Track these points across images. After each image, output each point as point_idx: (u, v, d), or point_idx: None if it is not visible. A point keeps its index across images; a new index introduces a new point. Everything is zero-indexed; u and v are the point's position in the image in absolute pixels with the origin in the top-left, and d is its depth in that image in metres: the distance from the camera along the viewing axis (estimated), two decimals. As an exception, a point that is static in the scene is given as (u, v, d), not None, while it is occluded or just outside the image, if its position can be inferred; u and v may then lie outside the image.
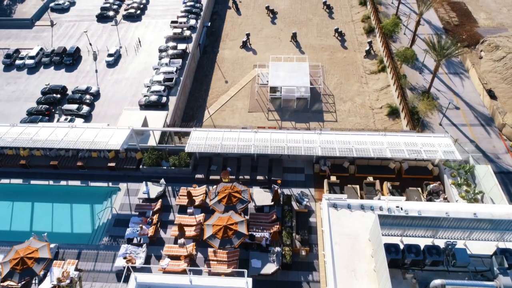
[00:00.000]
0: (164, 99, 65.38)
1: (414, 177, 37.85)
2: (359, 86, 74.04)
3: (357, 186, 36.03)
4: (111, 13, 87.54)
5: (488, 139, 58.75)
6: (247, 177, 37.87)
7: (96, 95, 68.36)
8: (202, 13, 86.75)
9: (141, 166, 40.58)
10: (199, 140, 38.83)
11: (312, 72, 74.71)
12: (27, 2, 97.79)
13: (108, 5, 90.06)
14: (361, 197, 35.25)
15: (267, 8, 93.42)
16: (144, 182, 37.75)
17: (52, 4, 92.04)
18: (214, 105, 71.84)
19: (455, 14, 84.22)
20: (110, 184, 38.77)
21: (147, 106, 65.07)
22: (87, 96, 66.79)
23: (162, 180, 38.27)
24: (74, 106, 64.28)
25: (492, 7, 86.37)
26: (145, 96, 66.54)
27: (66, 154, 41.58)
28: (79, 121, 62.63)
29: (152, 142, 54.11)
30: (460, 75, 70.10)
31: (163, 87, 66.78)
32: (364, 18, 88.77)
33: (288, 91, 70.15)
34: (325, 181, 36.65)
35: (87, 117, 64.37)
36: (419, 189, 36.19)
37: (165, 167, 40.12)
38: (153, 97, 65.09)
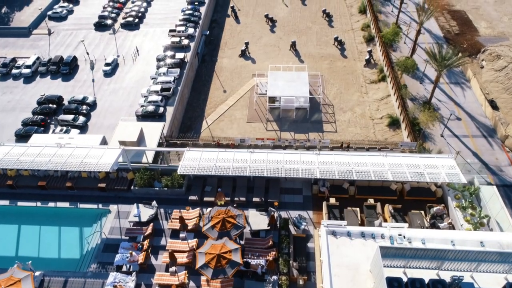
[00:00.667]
0: (161, 109, 64.44)
1: (416, 199, 36.38)
2: (359, 96, 73.13)
3: (357, 209, 34.65)
4: (109, 22, 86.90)
5: (491, 151, 57.69)
6: (242, 199, 36.52)
7: (93, 105, 67.44)
8: (200, 22, 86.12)
9: (132, 187, 39.16)
10: (192, 161, 37.37)
11: (311, 81, 73.82)
12: (25, 10, 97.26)
13: (106, 13, 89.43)
14: (362, 221, 33.92)
15: (266, 16, 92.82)
16: (135, 204, 36.44)
17: (49, 13, 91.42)
18: (212, 115, 70.87)
19: (456, 23, 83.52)
20: (100, 206, 37.49)
21: (144, 116, 64.12)
22: (83, 107, 65.89)
23: (154, 203, 36.88)
24: (70, 117, 63.34)
25: (493, 15, 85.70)
26: (142, 106, 65.61)
27: (55, 174, 40.22)
28: (74, 132, 61.70)
29: (148, 156, 53.23)
30: (461, 85, 69.19)
31: (160, 97, 65.88)
32: (364, 26, 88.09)
33: (287, 101, 69.22)
34: (324, 203, 35.35)
35: (83, 128, 63.43)
36: (422, 212, 34.76)
37: (157, 188, 38.73)
38: (150, 108, 64.16)
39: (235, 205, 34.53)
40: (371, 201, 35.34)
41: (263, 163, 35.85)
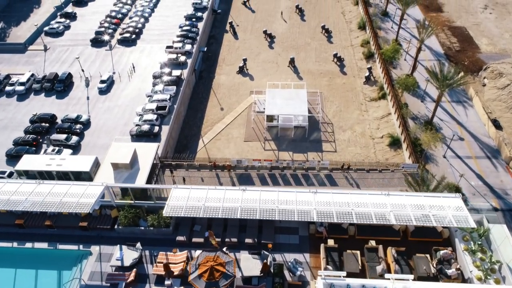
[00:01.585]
0: (156, 128, 62.89)
1: (421, 240, 33.70)
2: (359, 114, 71.62)
3: (358, 252, 31.98)
4: (106, 38, 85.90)
5: (495, 173, 55.89)
6: (234, 239, 33.96)
7: (86, 124, 65.90)
8: (198, 38, 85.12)
9: (116, 226, 36.62)
10: (180, 200, 34.62)
11: (310, 99, 72.42)
12: (22, 26, 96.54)
13: (103, 29, 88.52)
14: (362, 265, 31.33)
15: (265, 32, 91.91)
16: (118, 245, 33.83)
17: (46, 28, 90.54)
18: (209, 133, 69.29)
19: (456, 39, 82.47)
20: (81, 246, 34.86)
21: (139, 136, 62.53)
22: (77, 125, 64.32)
23: (138, 244, 34.28)
24: (62, 136, 61.73)
25: (494, 32, 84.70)
26: (136, 125, 64.06)
27: (33, 211, 38.06)
28: (67, 152, 60.00)
29: (140, 179, 51.54)
30: (464, 103, 67.73)
31: (155, 116, 64.38)
32: (363, 42, 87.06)
33: (286, 119, 67.68)
34: (322, 245, 32.57)
35: (76, 148, 61.78)
36: (428, 256, 32.07)
37: (142, 228, 36.19)
38: (145, 127, 62.60)
39: (226, 247, 32.34)
40: (372, 243, 32.56)
41: (256, 203, 33.18)
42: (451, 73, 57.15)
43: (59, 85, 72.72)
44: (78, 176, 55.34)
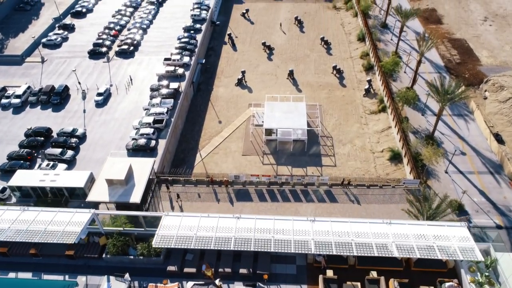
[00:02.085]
0: (153, 142, 61.87)
1: (425, 270, 32.17)
2: (359, 127, 70.67)
3: (358, 284, 30.37)
4: (103, 49, 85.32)
5: (498, 189, 54.71)
6: (228, 269, 32.45)
7: (82, 138, 64.91)
8: (196, 50, 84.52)
9: (104, 255, 35.02)
10: (171, 229, 32.97)
11: (309, 112, 71.56)
12: (20, 37, 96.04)
13: (101, 41, 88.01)
14: None
15: (264, 44, 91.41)
16: (106, 276, 32.19)
17: (44, 40, 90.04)
18: (207, 147, 68.27)
19: (457, 51, 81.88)
20: (67, 277, 33.06)
21: (135, 150, 61.50)
22: (72, 140, 63.31)
23: (127, 276, 32.59)
24: (57, 151, 60.68)
25: (494, 44, 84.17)
26: (133, 139, 63.06)
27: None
28: (61, 167, 58.88)
29: (136, 195, 50.43)
30: (465, 117, 66.80)
31: (152, 130, 63.41)
32: (363, 54, 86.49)
33: (284, 133, 66.71)
34: (320, 277, 30.94)
35: (71, 162, 60.68)
36: None
37: (132, 256, 34.64)
38: (142, 141, 61.59)
39: (219, 279, 31.03)
40: (373, 273, 31.00)
41: (250, 232, 31.64)
42: (452, 87, 56.29)
43: (56, 98, 71.89)
44: (72, 192, 54.35)
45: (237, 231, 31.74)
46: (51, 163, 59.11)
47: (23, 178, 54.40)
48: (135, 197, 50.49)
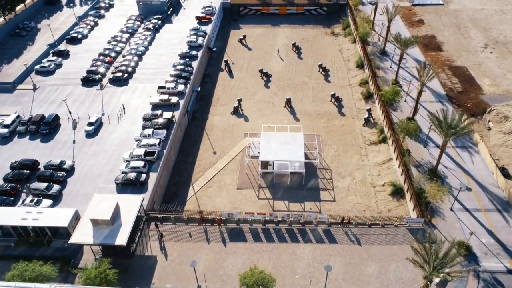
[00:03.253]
0: (143, 176, 59.09)
1: None
2: (359, 158, 68.02)
3: None
4: (97, 77, 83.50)
5: (507, 228, 51.62)
6: None
7: (70, 170, 62.15)
8: (192, 77, 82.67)
9: None
10: None
11: (307, 143, 69.08)
12: (13, 63, 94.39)
13: (95, 68, 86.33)
14: None
15: (261, 71, 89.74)
16: None
17: (37, 67, 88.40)
18: (200, 180, 65.42)
19: (458, 80, 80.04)
20: None
21: (124, 184, 58.71)
22: (60, 173, 60.53)
23: None
24: (43, 185, 57.84)
25: (496, 72, 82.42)
26: (123, 173, 60.37)
27: None
28: (46, 203, 55.93)
29: (122, 236, 47.34)
30: (469, 149, 64.22)
31: (143, 163, 60.73)
32: (362, 82, 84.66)
33: (281, 166, 64.02)
34: None
35: (57, 198, 57.72)
36: None
37: None
38: (131, 175, 58.83)
39: None
40: None
41: None
42: (455, 120, 53.89)
43: (45, 128, 69.48)
44: (56, 231, 51.26)
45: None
46: (36, 198, 56.24)
47: (3, 216, 51.42)
48: (121, 238, 47.31)
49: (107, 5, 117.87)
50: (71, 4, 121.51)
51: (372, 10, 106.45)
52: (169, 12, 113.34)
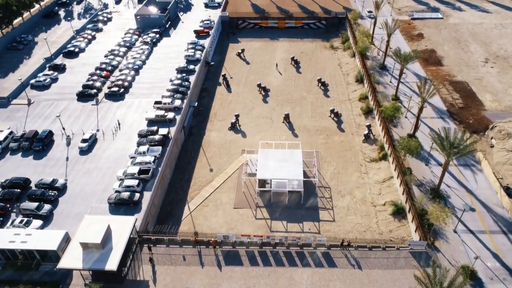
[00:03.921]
0: (137, 196, 57.38)
1: None
2: (359, 176, 66.35)
3: None
4: (93, 91, 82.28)
5: (513, 251, 49.76)
6: None
7: (62, 189, 60.46)
8: (189, 92, 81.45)
9: None
10: None
11: (306, 160, 67.52)
12: (9, 77, 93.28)
13: (91, 82, 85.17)
14: None
15: (259, 85, 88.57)
16: None
17: (32, 81, 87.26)
18: (196, 198, 63.68)
19: (459, 95, 78.78)
20: None
21: (117, 204, 56.98)
22: (51, 192, 58.83)
23: None
24: (33, 205, 56.11)
25: (497, 87, 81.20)
26: (116, 192, 58.71)
27: None
28: (36, 223, 54.19)
29: (113, 260, 45.50)
30: (472, 167, 62.61)
31: (137, 182, 59.09)
32: (361, 97, 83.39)
33: (279, 184, 62.29)
34: None
35: (48, 218, 55.94)
36: None
37: None
38: (125, 194, 57.15)
39: None
40: None
41: None
42: (457, 140, 52.38)
43: (38, 145, 67.97)
44: (45, 254, 49.41)
45: None
46: (25, 219, 54.45)
47: (-10, 239, 49.58)
48: (112, 263, 45.44)
49: (105, 19, 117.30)
50: (69, 18, 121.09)
51: (371, 24, 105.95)
52: (167, 26, 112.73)
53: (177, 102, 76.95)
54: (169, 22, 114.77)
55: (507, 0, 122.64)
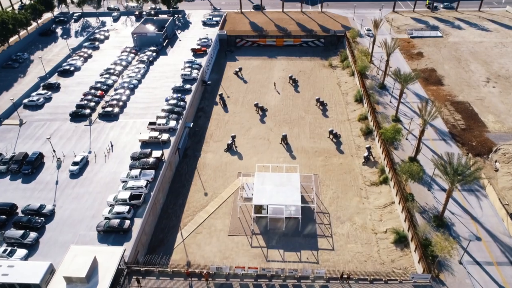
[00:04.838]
0: (127, 223, 54.89)
1: None
2: (359, 201, 63.95)
3: None
4: (87, 111, 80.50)
5: (523, 285, 47.07)
6: None
7: (50, 215, 58.02)
8: (184, 112, 79.64)
9: None
10: None
11: (304, 184, 65.24)
12: (3, 96, 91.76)
13: (85, 102, 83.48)
14: None
15: (256, 105, 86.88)
16: None
17: (25, 101, 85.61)
18: (189, 225, 61.16)
19: (461, 116, 76.94)
20: None
21: (106, 232, 54.44)
22: (38, 219, 56.37)
23: None
24: (18, 233, 53.60)
25: (500, 108, 79.42)
26: (105, 218, 56.27)
27: None
28: (21, 253, 51.60)
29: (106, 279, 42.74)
30: (476, 192, 60.30)
31: (127, 208, 56.70)
32: (361, 117, 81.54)
33: (276, 210, 59.90)
34: None
35: (33, 247, 53.35)
36: None
37: None
38: (114, 222, 54.68)
39: None
40: None
41: None
42: (461, 166, 50.18)
43: (27, 168, 65.75)
44: (27, 288, 46.70)
45: None
46: (9, 248, 51.92)
47: (-30, 271, 46.93)
48: (97, 299, 42.79)
49: (102, 37, 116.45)
50: (66, 36, 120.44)
51: (370, 42, 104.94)
52: (164, 44, 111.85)
53: (172, 123, 75.03)
54: (167, 40, 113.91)
55: (506, 19, 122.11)
